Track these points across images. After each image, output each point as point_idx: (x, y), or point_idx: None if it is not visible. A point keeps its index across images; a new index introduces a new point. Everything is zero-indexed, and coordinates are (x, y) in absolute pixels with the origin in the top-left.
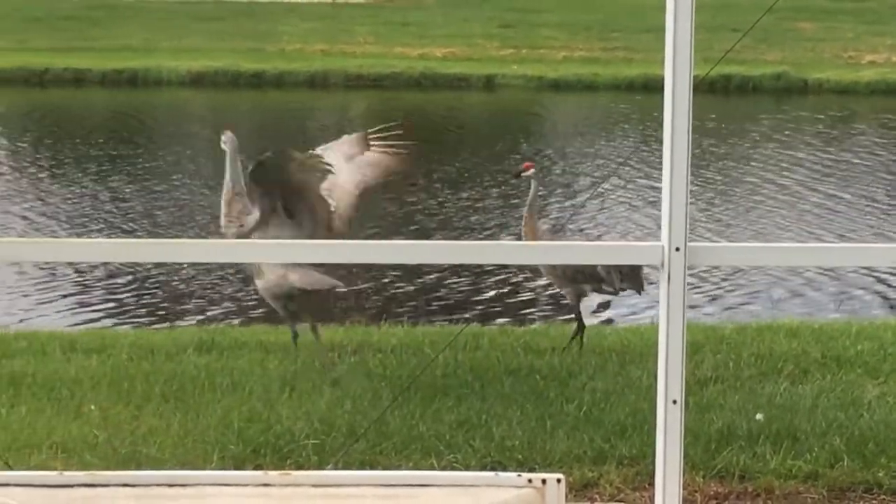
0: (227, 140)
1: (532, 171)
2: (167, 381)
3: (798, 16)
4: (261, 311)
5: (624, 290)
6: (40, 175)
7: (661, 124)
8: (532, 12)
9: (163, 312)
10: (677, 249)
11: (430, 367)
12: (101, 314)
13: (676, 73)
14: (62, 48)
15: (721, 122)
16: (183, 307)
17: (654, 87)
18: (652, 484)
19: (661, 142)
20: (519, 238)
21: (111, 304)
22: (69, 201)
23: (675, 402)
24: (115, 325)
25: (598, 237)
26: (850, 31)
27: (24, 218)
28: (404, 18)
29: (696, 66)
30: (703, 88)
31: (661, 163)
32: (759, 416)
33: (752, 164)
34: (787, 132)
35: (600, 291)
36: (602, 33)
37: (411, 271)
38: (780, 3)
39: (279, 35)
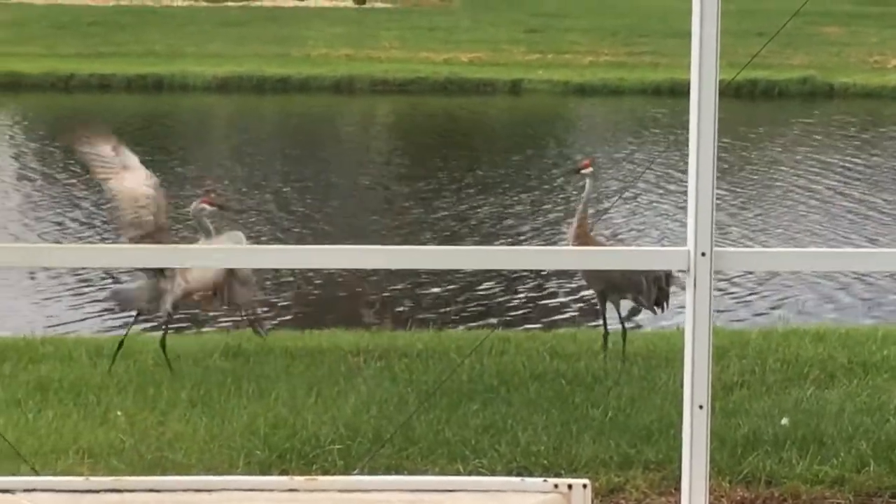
0: None
1: (590, 169)
2: (193, 387)
3: (823, 20)
4: (287, 317)
5: (657, 305)
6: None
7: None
8: (558, 17)
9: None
10: (703, 254)
11: (456, 371)
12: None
13: (702, 77)
14: (88, 53)
15: (752, 126)
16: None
17: (680, 92)
18: (678, 489)
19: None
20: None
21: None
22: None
23: (701, 407)
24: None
25: (634, 241)
26: (875, 35)
27: (59, 224)
28: (430, 23)
29: (721, 70)
30: (729, 93)
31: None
32: (784, 421)
33: (784, 168)
34: (817, 136)
35: (636, 302)
36: (628, 38)
37: (441, 275)
38: (806, 8)
39: (304, 40)
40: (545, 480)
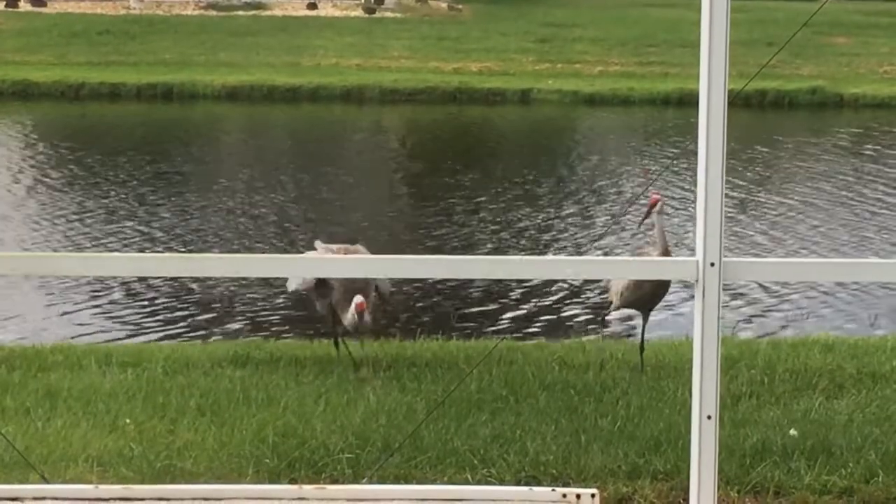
0: None
1: (658, 206)
2: (202, 395)
3: (833, 31)
4: (296, 325)
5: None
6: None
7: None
8: (568, 27)
9: (198, 326)
10: (712, 265)
11: (465, 381)
12: (136, 328)
13: (711, 87)
14: (99, 62)
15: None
16: (219, 321)
17: (689, 102)
18: (686, 499)
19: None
20: None
21: (147, 318)
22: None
23: (709, 417)
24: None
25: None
26: (885, 45)
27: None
28: (440, 33)
29: (731, 80)
30: (739, 103)
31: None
32: (792, 432)
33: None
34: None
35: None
36: (638, 48)
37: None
38: (816, 19)
39: (314, 49)
40: (553, 490)
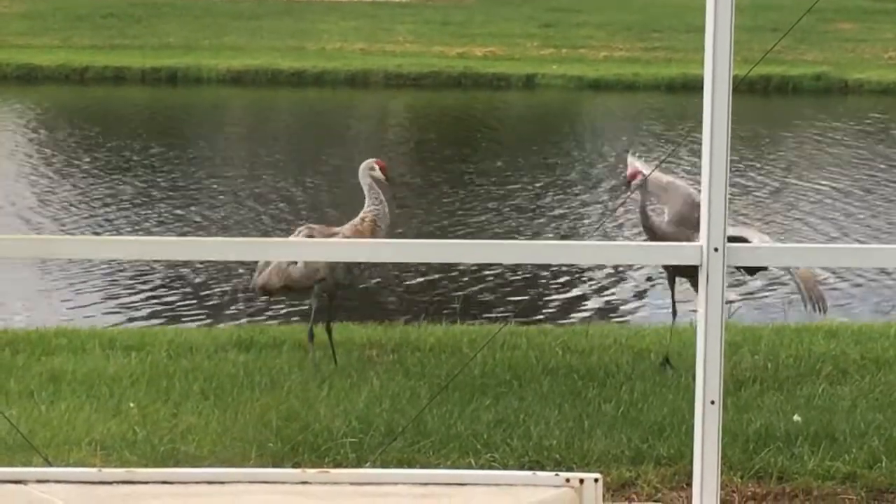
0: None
1: (639, 179)
2: (206, 379)
3: (838, 16)
4: (300, 309)
5: None
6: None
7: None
8: (572, 12)
9: (202, 310)
10: (716, 250)
11: (469, 366)
12: (140, 312)
13: (716, 73)
14: (103, 46)
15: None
16: (223, 305)
17: (693, 87)
18: (690, 484)
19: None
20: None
21: (151, 302)
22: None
23: (713, 402)
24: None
25: None
26: (891, 31)
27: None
28: (445, 17)
29: (735, 66)
30: (743, 88)
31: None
32: (796, 417)
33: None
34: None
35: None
36: (642, 33)
37: (463, 270)
38: (821, 4)
39: (319, 34)
40: (557, 474)
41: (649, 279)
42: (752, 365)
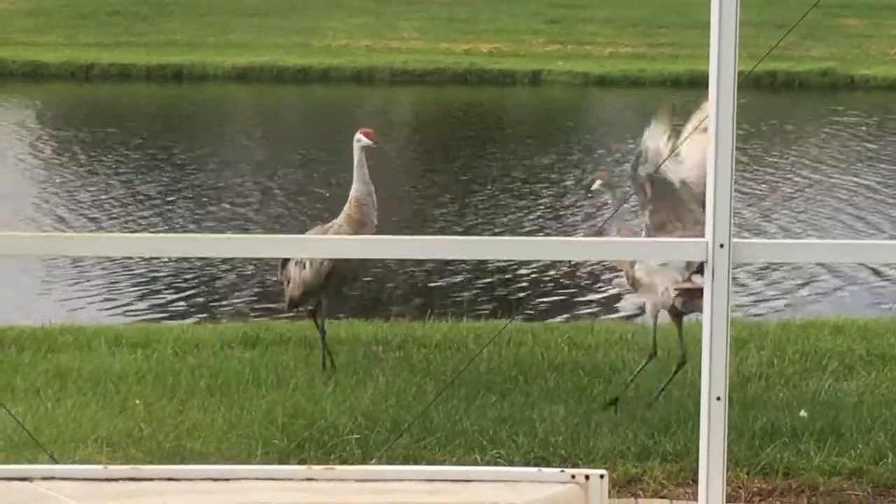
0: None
1: (599, 182)
2: (212, 376)
3: (844, 12)
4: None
5: None
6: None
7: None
8: (578, 8)
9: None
10: (721, 246)
11: (474, 362)
12: (146, 309)
13: (721, 69)
14: (108, 43)
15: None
16: (229, 302)
17: (699, 83)
18: (696, 480)
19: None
20: None
21: (156, 299)
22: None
23: (718, 398)
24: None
25: None
26: None
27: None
28: (450, 14)
29: (741, 62)
30: (749, 84)
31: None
32: (802, 413)
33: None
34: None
35: None
36: (648, 29)
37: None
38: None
39: (324, 31)
40: (563, 471)
41: None
42: (759, 361)
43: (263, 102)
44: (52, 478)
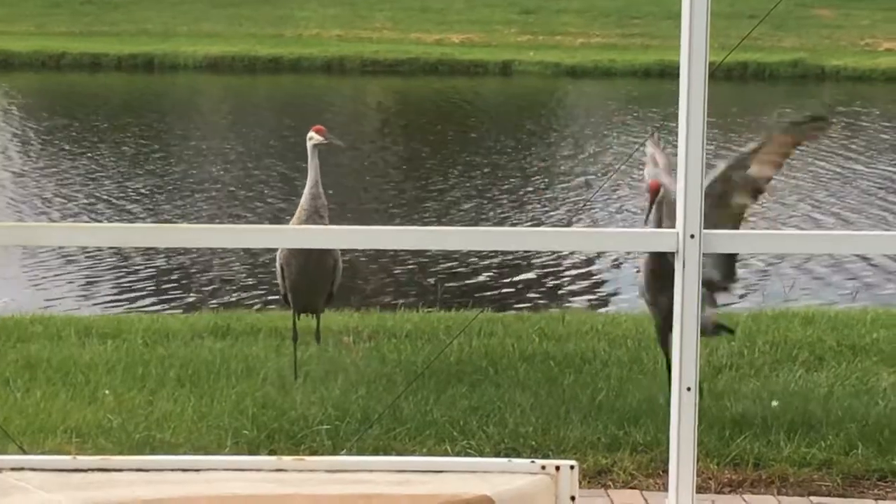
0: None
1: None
2: (182, 367)
3: (815, 3)
4: (276, 297)
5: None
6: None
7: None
8: None
9: (179, 298)
10: (692, 236)
11: (445, 353)
12: (116, 299)
13: (692, 59)
14: (80, 32)
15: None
16: (199, 292)
17: (670, 74)
18: (666, 471)
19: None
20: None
21: (128, 289)
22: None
23: (689, 389)
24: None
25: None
26: (867, 18)
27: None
28: (423, 4)
29: (712, 52)
30: (720, 75)
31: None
32: (774, 403)
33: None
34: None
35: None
36: (621, 20)
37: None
38: None
39: (297, 20)
40: (533, 462)
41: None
42: (729, 351)
43: (232, 92)
44: (21, 468)
